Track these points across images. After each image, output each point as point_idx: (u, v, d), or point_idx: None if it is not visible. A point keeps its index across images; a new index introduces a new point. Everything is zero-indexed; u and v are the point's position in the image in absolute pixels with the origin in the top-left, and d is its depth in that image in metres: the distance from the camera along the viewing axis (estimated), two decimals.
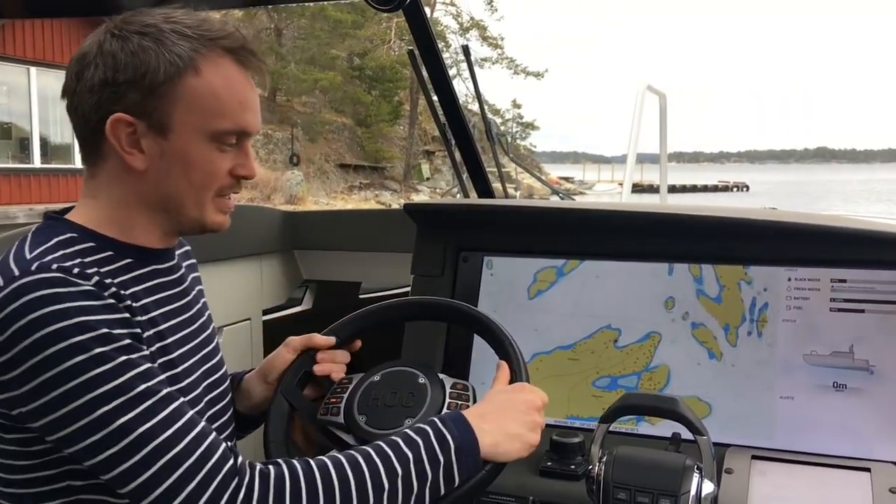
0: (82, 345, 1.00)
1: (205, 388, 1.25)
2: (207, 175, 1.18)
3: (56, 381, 1.00)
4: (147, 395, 1.03)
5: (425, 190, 27.92)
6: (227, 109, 1.16)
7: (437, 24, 30.70)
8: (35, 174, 15.57)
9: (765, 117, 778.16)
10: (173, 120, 1.14)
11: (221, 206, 1.22)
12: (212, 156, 1.17)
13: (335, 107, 29.18)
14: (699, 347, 1.63)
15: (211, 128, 1.15)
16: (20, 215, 13.48)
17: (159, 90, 1.12)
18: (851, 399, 1.51)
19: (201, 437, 1.05)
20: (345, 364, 1.40)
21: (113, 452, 1.00)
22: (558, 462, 1.50)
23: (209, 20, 1.18)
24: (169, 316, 1.21)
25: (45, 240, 1.12)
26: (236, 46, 1.18)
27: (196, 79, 1.13)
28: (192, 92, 1.13)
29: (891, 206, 30.41)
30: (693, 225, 1.69)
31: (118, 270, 1.15)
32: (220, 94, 1.15)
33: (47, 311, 1.00)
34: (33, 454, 1.08)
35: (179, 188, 1.17)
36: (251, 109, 1.19)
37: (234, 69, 1.17)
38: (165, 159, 1.15)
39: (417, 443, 1.12)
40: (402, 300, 1.48)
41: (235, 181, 1.21)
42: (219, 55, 1.16)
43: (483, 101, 2.53)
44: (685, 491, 1.23)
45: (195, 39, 1.15)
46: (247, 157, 1.21)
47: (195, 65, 1.13)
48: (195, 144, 1.15)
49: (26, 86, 15.45)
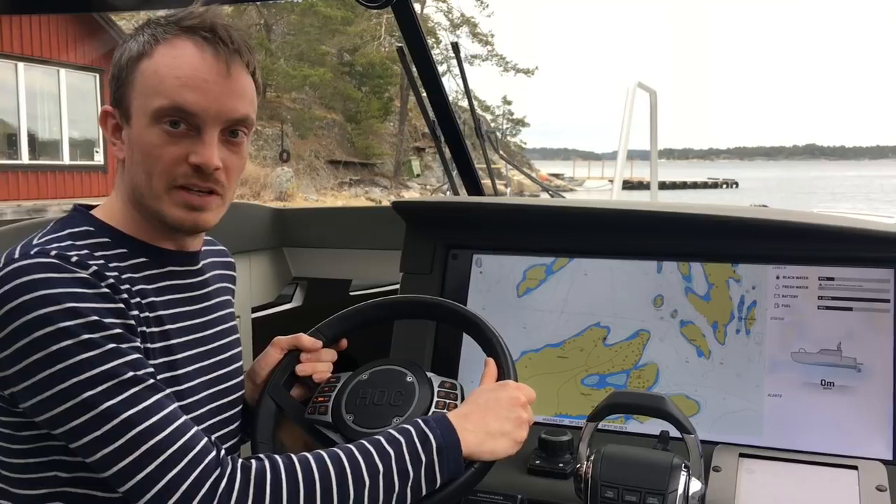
0: (70, 330, 1.01)
1: (211, 395, 1.24)
2: (155, 160, 1.13)
3: (43, 363, 1.01)
4: (133, 382, 1.03)
5: (415, 186, 27.90)
6: (164, 87, 1.12)
7: (428, 21, 30.69)
8: (23, 170, 15.50)
9: (754, 114, 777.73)
10: (131, 106, 1.15)
11: (181, 199, 1.16)
12: (159, 140, 1.13)
13: (325, 103, 29.12)
14: (688, 345, 1.63)
15: (150, 107, 1.13)
16: (8, 211, 13.41)
17: (122, 77, 1.15)
18: (839, 397, 1.51)
19: (184, 427, 1.05)
20: (330, 363, 1.40)
21: (96, 436, 1.01)
22: (547, 460, 1.49)
23: (195, 11, 1.17)
24: (179, 318, 1.21)
25: (59, 230, 1.15)
26: (197, 26, 1.15)
27: (147, 61, 1.14)
28: (141, 74, 1.14)
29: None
30: (682, 223, 1.69)
31: (129, 267, 1.16)
32: (161, 72, 1.13)
33: (38, 294, 1.02)
34: (24, 439, 1.10)
35: (138, 177, 1.16)
36: (195, 88, 1.12)
37: (188, 49, 1.14)
38: (130, 147, 1.17)
39: (400, 441, 1.12)
40: (388, 298, 1.48)
41: (193, 171, 1.14)
42: (176, 36, 1.15)
43: (473, 98, 2.53)
44: (673, 489, 1.23)
45: (162, 26, 1.16)
46: (203, 143, 1.13)
47: (151, 49, 1.14)
48: (144, 128, 1.14)
49: (14, 81, 15.37)
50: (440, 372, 1.36)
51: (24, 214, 12.90)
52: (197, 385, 1.21)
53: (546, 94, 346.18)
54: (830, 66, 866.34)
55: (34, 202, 14.64)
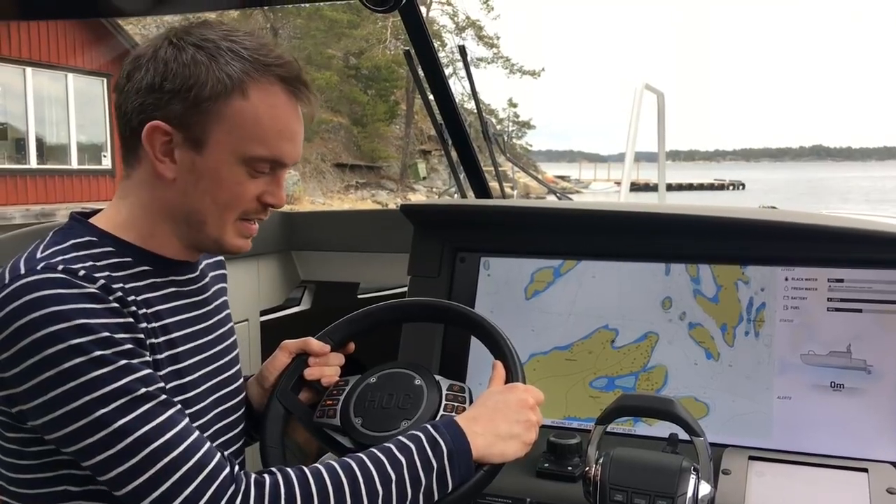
0: (81, 347, 1.00)
1: (215, 400, 1.25)
2: (234, 197, 1.17)
3: (55, 381, 1.00)
4: (146, 398, 1.03)
5: (422, 189, 27.92)
6: (265, 137, 1.15)
7: (433, 24, 30.73)
8: (31, 175, 15.56)
9: (760, 115, 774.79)
10: (210, 137, 1.13)
11: (243, 229, 1.22)
12: (241, 178, 1.16)
13: (331, 106, 29.15)
14: (696, 348, 1.62)
15: (246, 152, 1.15)
16: (16, 216, 13.47)
17: (203, 105, 1.12)
18: (849, 399, 1.50)
19: (198, 443, 1.05)
20: (338, 367, 1.40)
21: (110, 454, 1.01)
22: (555, 463, 1.49)
23: (268, 45, 1.18)
24: (183, 325, 1.21)
25: (61, 241, 1.13)
26: (290, 76, 1.18)
27: (242, 101, 1.13)
28: (236, 114, 1.13)
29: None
30: (690, 225, 1.68)
31: (133, 276, 1.15)
32: (263, 120, 1.15)
33: (48, 311, 1.01)
34: (32, 455, 1.09)
35: (204, 204, 1.17)
36: (291, 140, 1.18)
37: (282, 98, 1.17)
38: (195, 173, 1.15)
39: (410, 448, 1.12)
40: (395, 302, 1.48)
41: (262, 207, 1.21)
42: (270, 82, 1.16)
43: (479, 101, 2.53)
44: (682, 492, 1.22)
45: (249, 62, 1.14)
46: (278, 186, 1.21)
47: (244, 88, 1.13)
48: (227, 165, 1.15)
49: (22, 86, 15.43)
50: (448, 375, 1.36)
51: (32, 218, 12.95)
52: (203, 391, 1.22)
53: (551, 96, 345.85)
54: (836, 66, 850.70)
55: (42, 206, 14.69)
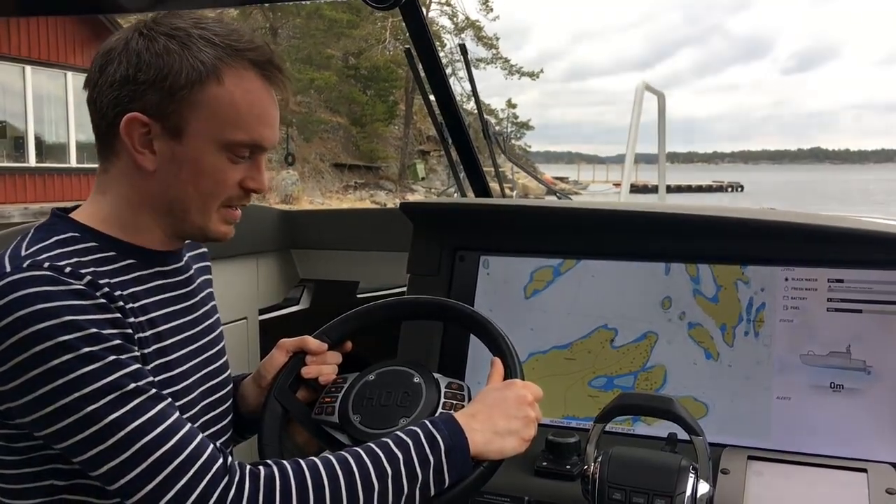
0: (69, 344, 1.00)
1: (202, 392, 1.25)
2: (216, 183, 1.17)
3: (43, 378, 1.00)
4: (135, 393, 1.03)
5: (420, 190, 27.92)
6: (243, 121, 1.15)
7: (433, 24, 30.71)
8: (30, 173, 15.55)
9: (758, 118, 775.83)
10: (189, 125, 1.13)
11: (227, 216, 1.22)
12: (223, 165, 1.17)
13: (330, 106, 29.18)
14: (696, 347, 1.62)
15: (225, 138, 1.15)
16: (15, 214, 13.46)
17: (178, 94, 1.12)
18: (848, 399, 1.50)
19: (190, 435, 1.05)
20: (336, 366, 1.40)
21: (101, 450, 1.00)
22: (554, 462, 1.49)
23: (239, 31, 1.18)
24: (170, 317, 1.21)
25: (44, 237, 1.12)
26: (263, 60, 1.18)
27: (217, 88, 1.13)
28: (212, 100, 1.13)
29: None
30: (689, 224, 1.68)
31: (118, 270, 1.15)
32: (239, 105, 1.15)
33: (35, 308, 1.00)
34: (18, 450, 1.09)
35: (186, 193, 1.17)
36: (268, 124, 1.19)
37: (257, 83, 1.17)
38: (176, 163, 1.15)
39: (407, 444, 1.12)
40: (394, 300, 1.48)
41: (244, 193, 1.21)
42: (244, 67, 1.16)
43: (480, 100, 2.52)
44: (681, 491, 1.22)
45: (222, 48, 1.14)
46: (258, 170, 1.21)
47: (218, 73, 1.13)
48: (207, 152, 1.15)
49: (21, 85, 15.42)
50: (447, 373, 1.36)
51: (30, 217, 12.94)
52: (191, 383, 1.21)
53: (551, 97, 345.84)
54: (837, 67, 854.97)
55: (41, 205, 14.67)
